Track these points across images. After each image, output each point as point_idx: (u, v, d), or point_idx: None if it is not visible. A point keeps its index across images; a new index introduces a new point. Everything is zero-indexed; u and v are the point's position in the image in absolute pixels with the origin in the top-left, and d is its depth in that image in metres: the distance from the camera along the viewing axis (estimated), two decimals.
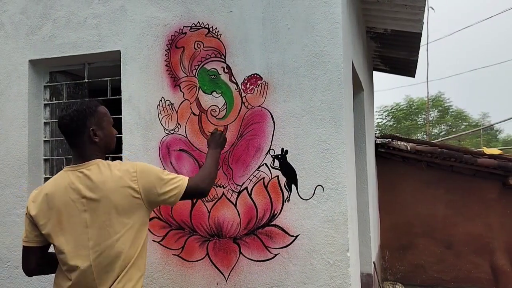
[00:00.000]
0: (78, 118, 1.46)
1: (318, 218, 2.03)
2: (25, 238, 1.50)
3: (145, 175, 1.47)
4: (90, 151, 1.49)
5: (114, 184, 1.42)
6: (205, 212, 2.21)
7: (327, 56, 2.07)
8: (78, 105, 1.49)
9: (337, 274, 1.99)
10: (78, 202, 1.42)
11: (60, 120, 1.49)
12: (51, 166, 2.77)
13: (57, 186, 1.46)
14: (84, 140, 1.48)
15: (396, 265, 5.67)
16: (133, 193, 1.43)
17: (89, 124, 1.48)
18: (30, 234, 1.49)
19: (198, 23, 2.28)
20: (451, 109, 21.94)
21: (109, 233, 1.40)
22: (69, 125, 1.47)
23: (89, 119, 1.48)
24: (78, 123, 1.46)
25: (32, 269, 1.54)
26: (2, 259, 2.64)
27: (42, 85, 2.76)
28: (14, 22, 2.70)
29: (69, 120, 1.46)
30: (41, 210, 1.45)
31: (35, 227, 1.47)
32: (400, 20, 3.64)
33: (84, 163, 1.47)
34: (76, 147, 1.50)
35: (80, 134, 1.48)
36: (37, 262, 1.52)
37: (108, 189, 1.41)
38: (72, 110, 1.47)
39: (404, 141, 5.58)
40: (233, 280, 2.15)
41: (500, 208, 5.24)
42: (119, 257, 1.41)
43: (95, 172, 1.44)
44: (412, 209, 5.64)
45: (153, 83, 2.34)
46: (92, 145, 1.49)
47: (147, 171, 1.49)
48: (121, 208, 1.41)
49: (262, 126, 2.14)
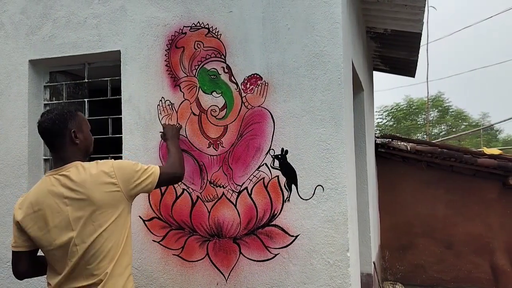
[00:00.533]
0: (60, 121, 1.54)
1: (318, 218, 2.03)
2: (14, 243, 1.57)
3: (122, 169, 1.57)
4: (71, 153, 1.57)
5: (93, 182, 1.50)
6: (205, 212, 2.21)
7: (327, 56, 2.07)
8: (59, 110, 1.58)
9: (337, 274, 1.99)
10: (61, 203, 1.49)
11: (42, 124, 1.56)
12: (51, 166, 2.75)
13: (40, 191, 1.53)
14: (65, 142, 1.56)
15: (396, 265, 5.67)
16: (113, 187, 1.53)
17: (70, 127, 1.56)
18: (19, 240, 1.55)
19: (198, 23, 2.28)
20: (451, 109, 21.94)
21: (94, 228, 1.49)
22: (50, 128, 1.54)
23: (70, 122, 1.56)
24: (60, 126, 1.54)
25: (22, 273, 1.60)
26: (2, 259, 2.64)
27: (42, 85, 2.76)
28: (14, 22, 2.70)
29: (51, 123, 1.54)
30: (27, 215, 1.52)
31: (23, 233, 1.54)
32: (400, 20, 3.64)
33: (63, 167, 1.54)
34: (57, 149, 1.57)
35: (62, 136, 1.55)
36: (27, 266, 1.59)
37: (89, 188, 1.49)
38: (53, 114, 1.56)
39: (404, 141, 5.58)
40: (233, 280, 2.15)
41: (500, 208, 5.24)
42: (106, 249, 1.50)
43: (74, 173, 1.51)
44: (412, 209, 5.64)
45: (153, 83, 2.34)
46: (73, 147, 1.57)
47: (122, 165, 1.59)
48: (103, 203, 1.50)
49: (262, 126, 2.14)
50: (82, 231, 1.48)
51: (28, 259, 1.58)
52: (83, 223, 1.48)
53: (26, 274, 1.61)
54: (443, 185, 5.51)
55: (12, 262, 1.58)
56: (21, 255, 1.57)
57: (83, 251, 1.48)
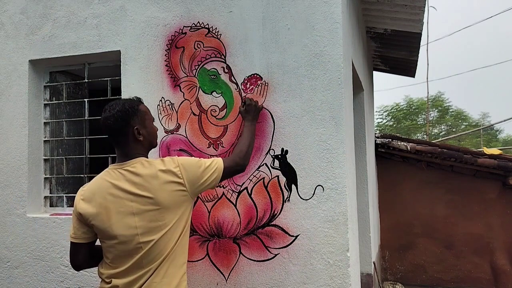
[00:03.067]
0: (122, 119, 1.50)
1: (318, 218, 2.03)
2: (73, 234, 1.54)
3: (187, 168, 1.53)
4: (134, 150, 1.53)
5: (159, 181, 1.47)
6: (205, 212, 2.21)
7: (327, 56, 2.07)
8: (120, 106, 1.52)
9: (337, 274, 1.99)
10: (125, 198, 1.46)
11: (105, 121, 1.52)
12: (51, 166, 2.77)
13: (104, 183, 1.50)
14: (128, 139, 1.52)
15: (396, 265, 5.67)
16: (179, 187, 1.50)
17: (133, 124, 1.52)
18: (78, 231, 1.53)
19: (198, 23, 2.28)
20: (451, 109, 21.95)
21: (159, 227, 1.46)
22: (113, 125, 1.50)
23: (132, 119, 1.52)
24: (123, 123, 1.50)
25: (80, 264, 1.59)
26: (2, 259, 2.64)
27: (42, 85, 2.76)
28: (14, 22, 2.70)
29: (114, 120, 1.50)
30: (90, 206, 1.48)
31: (83, 224, 1.51)
32: (400, 20, 3.64)
33: (128, 161, 1.51)
34: (120, 146, 1.54)
35: (125, 134, 1.51)
36: (85, 257, 1.57)
37: (154, 187, 1.46)
38: (116, 111, 1.51)
39: (404, 141, 5.58)
40: (233, 280, 2.15)
41: (500, 208, 5.24)
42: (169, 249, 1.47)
43: (140, 169, 1.48)
44: (412, 209, 5.64)
45: (153, 83, 2.34)
46: (136, 144, 1.54)
47: (187, 163, 1.55)
48: (169, 203, 1.47)
49: (262, 126, 2.14)
50: (146, 229, 1.45)
51: (87, 251, 1.56)
52: (148, 220, 1.45)
53: (84, 266, 1.60)
54: (443, 185, 5.51)
55: (70, 253, 1.57)
56: (80, 247, 1.54)
57: (147, 250, 1.45)
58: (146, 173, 1.47)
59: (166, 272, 1.48)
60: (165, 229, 1.47)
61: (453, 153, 5.15)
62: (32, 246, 2.57)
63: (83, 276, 2.44)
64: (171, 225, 1.48)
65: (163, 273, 1.48)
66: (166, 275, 1.48)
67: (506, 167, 4.94)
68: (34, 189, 2.67)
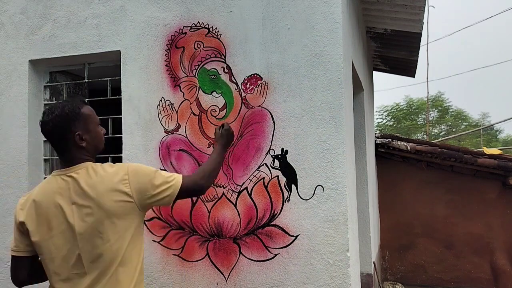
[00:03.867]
0: (62, 124, 1.37)
1: (318, 218, 2.03)
2: (14, 247, 1.42)
3: (137, 177, 1.38)
4: (78, 155, 1.40)
5: (104, 188, 1.34)
6: (205, 212, 2.21)
7: (327, 56, 2.07)
8: (60, 109, 1.38)
9: (337, 274, 1.99)
10: (67, 208, 1.34)
11: (43, 126, 1.39)
12: (51, 166, 2.77)
13: (46, 191, 1.39)
14: (70, 146, 1.39)
15: (396, 265, 5.67)
16: (125, 197, 1.35)
17: (74, 129, 1.38)
18: (21, 244, 1.41)
19: (198, 23, 2.28)
20: (451, 109, 21.94)
21: (102, 240, 1.33)
22: (52, 132, 1.38)
23: (73, 124, 1.38)
24: (62, 129, 1.37)
25: (22, 280, 1.45)
26: (2, 259, 2.64)
27: (42, 85, 2.76)
28: (14, 22, 2.70)
29: (52, 126, 1.37)
30: (30, 217, 1.38)
31: (25, 236, 1.40)
32: (400, 20, 3.64)
33: (72, 167, 1.38)
34: (61, 152, 1.41)
35: (65, 140, 1.38)
36: (28, 272, 1.44)
37: (98, 194, 1.33)
38: (54, 115, 1.37)
39: (404, 141, 5.58)
40: (233, 280, 2.15)
41: (500, 208, 5.24)
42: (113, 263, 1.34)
43: (84, 176, 1.36)
44: (412, 209, 5.64)
45: (153, 83, 2.34)
46: (79, 149, 1.40)
47: (139, 172, 1.40)
48: (113, 213, 1.33)
49: (262, 126, 2.14)
50: (88, 242, 1.32)
51: (30, 265, 1.43)
52: (90, 233, 1.32)
53: (26, 282, 1.46)
54: (443, 185, 5.51)
55: (12, 267, 1.43)
56: (22, 260, 1.41)
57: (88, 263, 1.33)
58: (90, 180, 1.35)
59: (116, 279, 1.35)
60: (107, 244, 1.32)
61: (453, 153, 5.15)
62: None
63: None
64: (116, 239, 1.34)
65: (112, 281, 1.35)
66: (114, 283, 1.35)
67: (506, 167, 4.94)
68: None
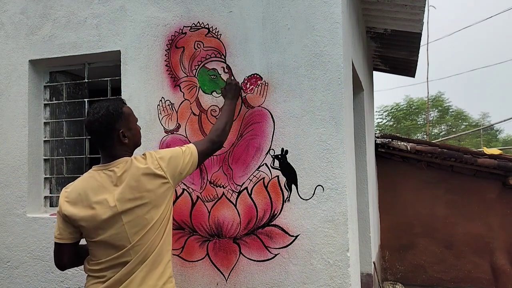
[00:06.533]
0: (108, 122, 1.52)
1: (318, 218, 2.03)
2: (58, 235, 1.55)
3: (165, 159, 1.58)
4: (119, 151, 1.56)
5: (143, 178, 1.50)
6: (205, 212, 2.21)
7: (327, 56, 2.07)
8: (105, 109, 1.53)
9: (337, 274, 1.99)
10: (110, 199, 1.48)
11: (90, 125, 1.53)
12: (51, 166, 2.77)
13: (89, 184, 1.52)
14: (114, 142, 1.55)
15: (396, 265, 5.67)
16: (162, 179, 1.54)
17: (118, 127, 1.54)
18: (64, 232, 1.54)
19: (198, 23, 2.28)
20: (451, 109, 21.95)
21: (146, 220, 1.50)
22: (98, 130, 1.52)
23: (117, 122, 1.54)
24: (108, 127, 1.52)
25: (65, 264, 1.60)
26: (2, 259, 2.64)
27: (42, 85, 2.76)
28: (14, 22, 2.70)
29: (99, 125, 1.51)
30: (76, 207, 1.50)
31: (69, 225, 1.53)
32: (400, 20, 3.64)
33: (112, 162, 1.54)
34: (105, 149, 1.56)
35: (110, 137, 1.54)
36: (71, 257, 1.59)
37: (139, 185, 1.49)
38: (100, 114, 1.51)
39: (404, 141, 5.58)
40: (233, 280, 2.15)
41: (500, 208, 5.24)
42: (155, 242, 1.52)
43: (125, 169, 1.52)
44: (412, 209, 5.64)
45: (153, 83, 2.34)
46: (122, 146, 1.57)
47: (165, 155, 1.60)
48: (154, 197, 1.51)
49: (262, 126, 2.14)
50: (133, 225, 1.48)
51: (73, 251, 1.58)
52: (135, 217, 1.48)
53: (69, 266, 1.63)
54: (443, 185, 5.51)
55: (55, 253, 1.58)
56: (65, 247, 1.56)
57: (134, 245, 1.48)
58: (130, 173, 1.50)
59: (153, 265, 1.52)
60: (151, 223, 1.51)
61: (453, 153, 5.16)
62: (32, 246, 2.57)
63: (83, 276, 2.43)
64: (157, 219, 1.52)
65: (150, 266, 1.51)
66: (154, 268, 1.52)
67: (506, 167, 4.94)
68: (34, 189, 2.67)
